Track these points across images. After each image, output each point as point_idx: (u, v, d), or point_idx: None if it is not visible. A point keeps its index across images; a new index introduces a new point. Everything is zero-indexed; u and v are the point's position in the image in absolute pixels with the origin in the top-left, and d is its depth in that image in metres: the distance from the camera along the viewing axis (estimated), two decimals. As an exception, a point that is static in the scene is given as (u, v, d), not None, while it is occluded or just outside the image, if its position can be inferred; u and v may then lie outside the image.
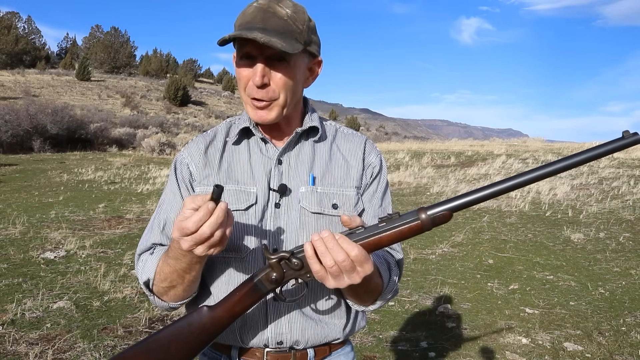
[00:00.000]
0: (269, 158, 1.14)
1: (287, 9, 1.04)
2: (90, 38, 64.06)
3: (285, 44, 0.99)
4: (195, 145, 1.18)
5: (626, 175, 11.60)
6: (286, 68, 1.05)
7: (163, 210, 1.16)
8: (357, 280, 0.90)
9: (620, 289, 4.52)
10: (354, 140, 1.20)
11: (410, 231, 0.91)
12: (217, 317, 0.98)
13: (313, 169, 1.13)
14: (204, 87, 64.10)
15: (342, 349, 1.19)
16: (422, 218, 0.90)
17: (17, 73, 44.09)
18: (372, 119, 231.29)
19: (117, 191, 10.74)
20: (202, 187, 1.13)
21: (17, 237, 6.16)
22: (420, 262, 5.52)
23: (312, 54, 1.10)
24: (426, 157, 17.36)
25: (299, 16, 1.05)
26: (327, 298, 1.12)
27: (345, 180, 1.14)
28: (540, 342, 3.45)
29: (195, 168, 1.15)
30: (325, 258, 0.88)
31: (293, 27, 1.03)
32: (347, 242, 0.89)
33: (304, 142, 1.16)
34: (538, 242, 6.30)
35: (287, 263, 0.93)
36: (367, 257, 0.90)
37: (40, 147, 20.88)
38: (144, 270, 1.09)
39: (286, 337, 1.09)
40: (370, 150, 1.20)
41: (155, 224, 1.15)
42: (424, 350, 3.35)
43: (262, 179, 1.12)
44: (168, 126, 31.70)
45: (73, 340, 3.28)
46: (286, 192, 1.10)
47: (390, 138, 60.16)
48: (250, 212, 1.10)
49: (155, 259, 1.07)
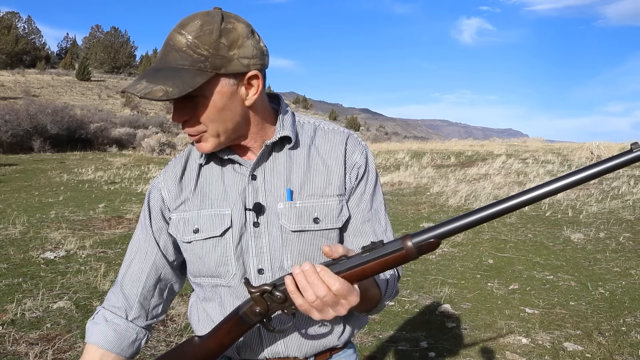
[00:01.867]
0: (242, 175, 1.07)
1: (188, 36, 0.94)
2: (90, 38, 64.11)
3: (171, 89, 0.91)
4: (172, 169, 1.14)
5: (626, 175, 11.60)
6: (201, 101, 0.97)
7: (126, 257, 1.17)
8: (343, 312, 0.87)
9: (620, 289, 4.52)
10: (334, 139, 1.10)
11: (395, 261, 0.86)
12: (207, 348, 0.99)
13: (291, 180, 1.06)
14: (204, 87, 64.01)
15: (343, 352, 1.16)
16: (407, 247, 0.85)
17: (17, 73, 44.13)
18: (372, 119, 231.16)
19: (117, 191, 10.74)
20: (179, 214, 1.10)
21: (17, 237, 6.16)
22: (420, 262, 5.52)
23: (236, 73, 0.97)
24: (426, 157, 17.36)
25: (203, 39, 0.93)
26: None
27: (326, 189, 1.06)
28: (540, 342, 3.45)
29: (168, 194, 1.11)
30: (307, 293, 0.84)
31: (194, 57, 0.93)
32: (328, 275, 0.84)
33: (279, 152, 1.08)
34: (538, 242, 6.30)
35: (270, 296, 0.90)
36: (350, 290, 0.85)
37: (40, 147, 20.89)
38: (89, 329, 1.12)
39: (283, 354, 1.08)
40: (353, 148, 1.10)
41: (118, 278, 1.16)
42: (424, 350, 3.35)
43: (237, 199, 1.06)
44: (168, 126, 31.73)
45: (73, 340, 3.29)
46: (262, 210, 1.05)
47: (390, 138, 60.15)
48: (228, 237, 1.05)
49: (90, 333, 1.12)
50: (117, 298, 1.14)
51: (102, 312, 1.13)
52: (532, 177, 12.09)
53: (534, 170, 13.27)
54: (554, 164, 14.63)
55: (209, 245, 1.06)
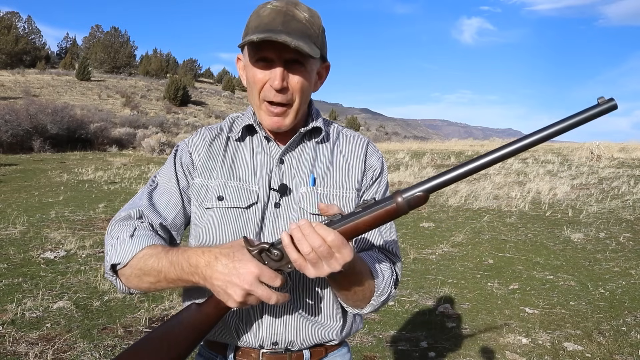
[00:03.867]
0: (271, 157, 1.13)
1: (304, 13, 1.03)
2: (90, 38, 64.10)
3: (309, 49, 0.99)
4: (201, 137, 1.17)
5: (626, 175, 11.60)
6: (303, 72, 1.04)
7: (157, 191, 1.13)
8: (337, 268, 0.89)
9: (620, 289, 4.52)
10: (356, 142, 1.19)
11: (387, 214, 0.90)
12: (204, 314, 0.98)
13: (314, 169, 1.13)
14: (204, 87, 64.12)
15: (338, 350, 1.18)
16: (398, 201, 0.89)
17: (17, 73, 44.11)
18: (372, 119, 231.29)
19: (117, 191, 10.74)
20: (204, 180, 1.12)
21: (17, 237, 6.16)
22: (420, 262, 5.52)
23: (323, 58, 1.10)
24: (426, 157, 17.37)
25: (315, 20, 1.05)
26: (323, 299, 1.12)
27: (346, 182, 1.14)
28: (540, 342, 3.45)
29: (198, 157, 1.14)
30: (302, 245, 0.87)
31: (311, 31, 1.03)
32: (323, 228, 0.88)
33: (306, 143, 1.15)
34: (538, 242, 6.30)
35: (268, 254, 0.93)
36: (344, 243, 0.88)
37: (40, 147, 20.88)
38: (116, 251, 1.02)
39: (281, 337, 1.09)
40: (372, 153, 1.20)
41: (146, 196, 1.12)
42: (424, 350, 3.35)
43: (264, 178, 1.11)
44: (168, 126, 31.72)
45: (73, 340, 3.28)
46: (286, 192, 1.10)
47: (391, 138, 60.17)
48: (251, 211, 1.09)
49: (135, 245, 1.01)
50: (149, 212, 1.11)
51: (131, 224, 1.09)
52: (532, 177, 12.09)
53: (534, 170, 13.27)
54: (554, 163, 14.63)
55: (230, 215, 1.09)
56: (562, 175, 12.38)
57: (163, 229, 1.11)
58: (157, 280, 0.99)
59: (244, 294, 0.89)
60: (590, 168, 13.35)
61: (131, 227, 1.05)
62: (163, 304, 3.97)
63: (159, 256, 0.98)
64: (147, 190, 1.13)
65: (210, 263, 0.91)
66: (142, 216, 1.09)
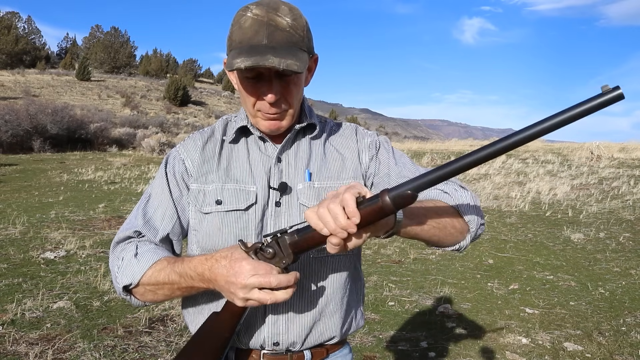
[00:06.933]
0: (268, 156, 1.13)
1: (286, 18, 0.99)
2: (90, 38, 64.08)
3: (299, 64, 0.97)
4: (192, 142, 1.16)
5: (626, 175, 11.60)
6: (295, 80, 1.04)
7: (150, 205, 1.14)
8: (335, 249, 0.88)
9: (620, 289, 4.52)
10: (344, 132, 1.21)
11: (374, 211, 0.86)
12: (221, 320, 1.01)
13: (310, 165, 1.13)
14: (204, 87, 64.08)
15: (339, 351, 1.18)
16: (384, 199, 0.85)
17: (17, 73, 44.09)
18: (372, 119, 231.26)
19: (117, 191, 10.74)
20: (200, 185, 1.12)
21: (17, 237, 6.16)
22: (420, 262, 5.52)
23: (311, 51, 1.09)
24: (426, 157, 17.35)
25: (298, 22, 1.01)
26: (324, 298, 1.11)
27: (341, 173, 1.14)
28: (540, 342, 3.45)
29: (192, 163, 1.14)
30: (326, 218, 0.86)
31: (296, 37, 1.00)
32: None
33: (301, 140, 1.16)
34: (538, 242, 6.30)
35: (262, 253, 0.95)
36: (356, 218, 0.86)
37: (40, 147, 20.87)
38: (124, 272, 1.05)
39: (282, 337, 1.09)
40: (363, 135, 1.20)
41: (140, 214, 1.13)
42: (424, 350, 3.35)
43: (262, 178, 1.11)
44: (168, 126, 31.69)
45: (73, 340, 3.28)
46: (286, 190, 1.10)
47: (391, 138, 60.06)
48: (251, 212, 1.09)
49: (141, 264, 1.04)
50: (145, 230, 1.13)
51: (132, 245, 1.12)
52: (532, 177, 12.09)
53: (534, 170, 13.27)
54: (554, 163, 14.63)
55: (230, 218, 1.09)
56: (562, 175, 12.38)
57: (163, 241, 1.13)
58: (172, 291, 1.04)
59: (244, 290, 0.91)
60: (590, 168, 13.35)
61: (133, 246, 1.08)
62: (163, 304, 3.97)
63: (167, 270, 1.02)
64: (142, 207, 1.14)
65: (212, 267, 0.96)
66: (140, 235, 1.12)
